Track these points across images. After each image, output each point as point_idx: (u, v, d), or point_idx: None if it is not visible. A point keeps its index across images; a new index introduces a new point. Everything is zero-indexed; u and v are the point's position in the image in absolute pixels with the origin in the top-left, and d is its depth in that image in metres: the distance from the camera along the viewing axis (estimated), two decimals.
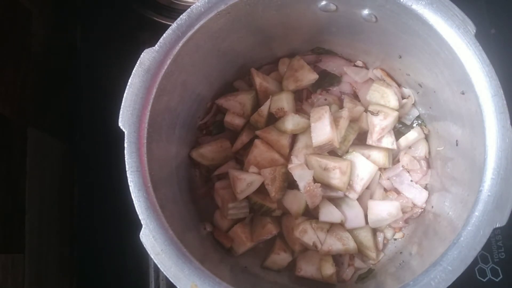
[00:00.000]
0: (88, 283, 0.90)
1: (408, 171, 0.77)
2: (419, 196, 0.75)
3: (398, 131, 0.79)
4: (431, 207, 0.74)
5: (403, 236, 0.77)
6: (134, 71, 0.60)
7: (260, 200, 0.74)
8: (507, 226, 0.55)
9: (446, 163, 0.71)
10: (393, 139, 0.75)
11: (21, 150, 0.78)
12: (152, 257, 0.57)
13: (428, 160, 0.78)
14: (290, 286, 0.75)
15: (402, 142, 0.77)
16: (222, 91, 0.80)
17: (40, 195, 0.82)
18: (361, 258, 0.76)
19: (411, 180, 0.77)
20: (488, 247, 0.84)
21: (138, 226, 0.57)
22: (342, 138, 0.74)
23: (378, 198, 0.77)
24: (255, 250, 0.77)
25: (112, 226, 0.88)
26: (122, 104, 0.60)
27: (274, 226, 0.75)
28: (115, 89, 0.62)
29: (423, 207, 0.75)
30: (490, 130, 0.56)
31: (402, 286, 0.56)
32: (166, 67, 0.61)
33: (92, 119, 0.92)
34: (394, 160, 0.78)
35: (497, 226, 0.55)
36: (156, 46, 0.61)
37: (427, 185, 0.77)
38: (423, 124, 0.79)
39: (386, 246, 0.77)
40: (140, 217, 0.58)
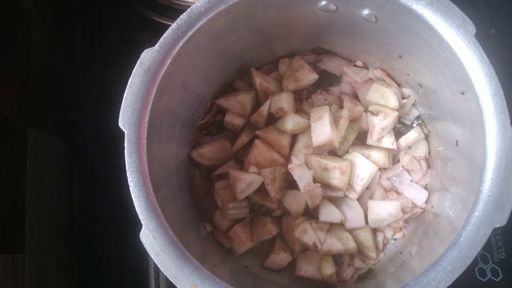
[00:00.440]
0: (88, 283, 0.90)
1: (408, 171, 0.77)
2: (419, 196, 0.76)
3: (398, 131, 0.79)
4: (431, 207, 0.74)
5: (403, 236, 0.77)
6: (134, 71, 0.60)
7: (260, 200, 0.74)
8: (507, 226, 0.55)
9: (446, 163, 0.71)
10: (393, 139, 0.76)
11: (21, 150, 0.78)
12: (152, 257, 0.57)
13: (428, 160, 0.78)
14: (290, 286, 0.75)
15: (402, 142, 0.77)
16: (222, 91, 0.80)
17: (40, 195, 0.81)
18: (361, 258, 0.76)
19: (411, 180, 0.77)
20: (488, 247, 0.84)
21: (138, 226, 0.57)
22: (342, 138, 0.74)
23: (378, 198, 0.77)
24: (255, 250, 0.77)
25: (112, 226, 0.88)
26: (122, 104, 0.60)
27: (274, 226, 0.75)
28: (115, 89, 0.62)
29: (423, 207, 0.75)
30: (490, 130, 0.56)
31: (402, 286, 0.56)
32: (166, 67, 0.61)
33: (92, 119, 0.92)
34: (394, 160, 0.78)
35: (497, 226, 0.55)
36: (156, 46, 0.61)
37: (427, 185, 0.77)
38: (423, 124, 0.79)
39: (386, 246, 0.77)
40: (140, 217, 0.58)
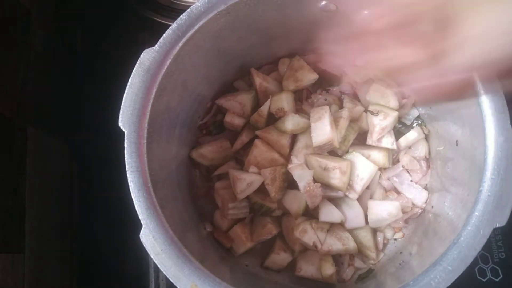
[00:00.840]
0: (88, 283, 0.90)
1: (408, 171, 0.77)
2: (419, 196, 0.75)
3: (398, 131, 0.79)
4: (431, 207, 0.74)
5: (403, 236, 0.77)
6: (134, 71, 0.60)
7: (260, 200, 0.74)
8: (507, 226, 0.55)
9: (446, 163, 0.71)
10: (393, 139, 0.76)
11: (21, 150, 0.78)
12: (152, 257, 0.57)
13: (428, 160, 0.78)
14: (290, 286, 0.75)
15: (402, 142, 0.77)
16: (222, 91, 0.80)
17: (40, 195, 0.81)
18: (361, 258, 0.76)
19: (411, 180, 0.77)
20: (488, 247, 0.84)
21: (138, 226, 0.57)
22: (342, 138, 0.74)
23: (378, 198, 0.77)
24: (255, 249, 0.77)
25: (112, 226, 0.88)
26: (122, 104, 0.60)
27: (274, 226, 0.75)
28: (115, 89, 0.62)
29: (423, 207, 0.75)
30: (490, 130, 0.56)
31: (402, 286, 0.56)
32: (166, 67, 0.61)
33: (92, 119, 0.92)
34: (394, 160, 0.78)
35: (497, 226, 0.55)
36: (156, 46, 0.61)
37: (427, 185, 0.77)
38: (423, 124, 0.79)
39: (386, 246, 0.77)
40: (140, 217, 0.58)
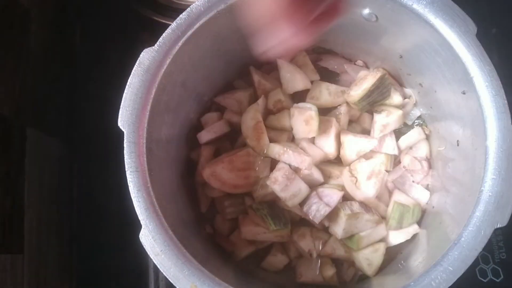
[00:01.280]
0: (88, 283, 0.90)
1: (409, 172, 0.77)
2: (421, 196, 0.75)
3: (399, 132, 0.78)
4: (432, 207, 0.74)
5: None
6: (133, 70, 0.60)
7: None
8: (508, 227, 0.55)
9: (447, 163, 0.71)
10: (394, 144, 0.75)
11: (20, 150, 0.78)
12: (151, 257, 0.57)
13: (429, 161, 0.77)
14: None
15: (402, 143, 0.76)
16: (222, 90, 0.80)
17: (39, 195, 0.81)
18: None
19: (412, 180, 0.76)
20: (489, 248, 0.84)
21: (138, 226, 0.57)
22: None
23: (385, 202, 0.76)
24: (257, 252, 0.77)
25: (112, 227, 0.88)
26: (122, 104, 0.59)
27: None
28: (115, 88, 0.62)
29: (424, 208, 0.75)
30: (491, 130, 0.56)
31: (403, 287, 0.55)
32: (165, 66, 0.61)
33: (92, 119, 0.92)
34: (395, 161, 0.77)
35: (498, 226, 0.55)
36: (156, 45, 0.60)
37: (428, 185, 0.77)
38: (424, 124, 0.78)
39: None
40: (140, 217, 0.57)
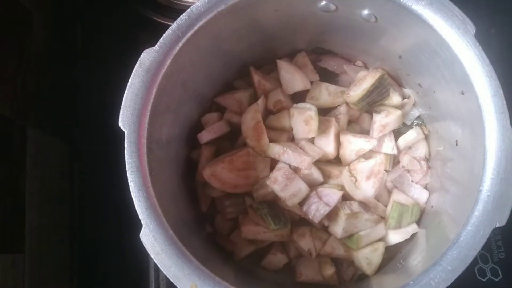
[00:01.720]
0: (88, 283, 0.90)
1: (408, 171, 0.77)
2: (420, 196, 0.75)
3: (398, 132, 0.78)
4: (431, 207, 0.74)
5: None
6: (134, 71, 0.60)
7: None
8: (507, 226, 0.55)
9: (446, 163, 0.71)
10: (393, 144, 0.75)
11: (21, 150, 0.78)
12: (152, 257, 0.57)
13: (428, 161, 0.77)
14: (292, 287, 0.75)
15: (401, 142, 0.76)
16: (222, 91, 0.80)
17: (40, 195, 0.81)
18: None
19: (411, 180, 0.76)
20: (487, 247, 0.84)
21: (138, 226, 0.57)
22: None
23: (384, 202, 0.76)
24: (257, 252, 0.77)
25: (112, 226, 0.88)
26: (122, 104, 0.60)
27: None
28: (115, 89, 0.62)
29: (423, 207, 0.75)
30: (490, 130, 0.56)
31: (402, 286, 0.56)
32: (166, 67, 0.61)
33: (92, 119, 0.92)
34: (394, 161, 0.78)
35: (496, 226, 0.55)
36: (156, 46, 0.61)
37: (427, 185, 0.77)
38: (423, 124, 0.78)
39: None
40: (140, 217, 0.58)
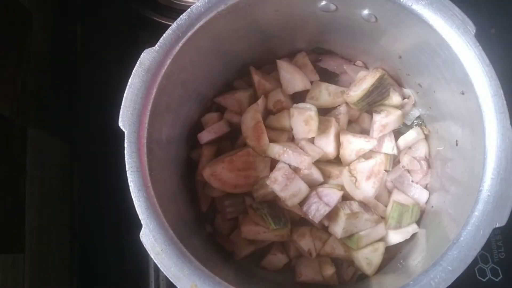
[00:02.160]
0: (88, 283, 0.90)
1: (408, 171, 0.77)
2: (420, 196, 0.75)
3: (398, 132, 0.78)
4: (431, 207, 0.74)
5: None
6: (134, 71, 0.60)
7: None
8: (507, 226, 0.55)
9: (446, 163, 0.71)
10: (393, 144, 0.75)
11: (21, 150, 0.78)
12: (152, 257, 0.57)
13: (428, 161, 0.77)
14: (292, 287, 0.75)
15: (401, 142, 0.76)
16: (222, 91, 0.80)
17: (40, 195, 0.81)
18: None
19: (411, 180, 0.76)
20: (488, 247, 0.84)
21: (138, 226, 0.57)
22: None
23: (384, 202, 0.76)
24: (257, 252, 0.77)
25: (112, 226, 0.88)
26: (122, 104, 0.60)
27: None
28: (115, 89, 0.62)
29: (423, 207, 0.75)
30: (490, 130, 0.56)
31: (402, 286, 0.56)
32: (166, 67, 0.61)
33: (92, 119, 0.92)
34: (394, 161, 0.78)
35: (497, 226, 0.55)
36: (156, 46, 0.61)
37: (427, 185, 0.77)
38: (423, 124, 0.78)
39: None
40: (140, 217, 0.58)
